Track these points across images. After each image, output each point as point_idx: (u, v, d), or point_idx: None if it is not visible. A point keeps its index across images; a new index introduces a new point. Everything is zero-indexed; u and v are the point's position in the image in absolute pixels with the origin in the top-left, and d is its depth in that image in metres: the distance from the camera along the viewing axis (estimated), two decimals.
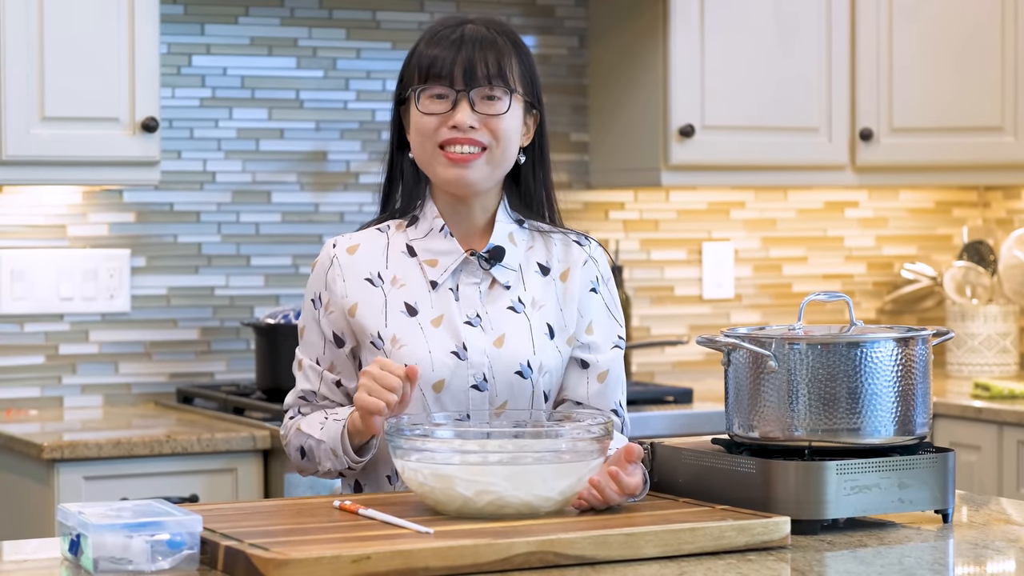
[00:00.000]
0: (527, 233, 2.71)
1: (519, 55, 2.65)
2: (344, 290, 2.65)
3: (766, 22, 4.58)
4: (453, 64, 2.60)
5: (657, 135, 4.52)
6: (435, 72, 2.60)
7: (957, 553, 2.28)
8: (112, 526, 2.07)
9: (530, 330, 2.64)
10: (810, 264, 5.06)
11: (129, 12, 3.92)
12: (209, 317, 4.39)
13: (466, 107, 2.60)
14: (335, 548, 2.05)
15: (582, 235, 2.76)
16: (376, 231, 2.70)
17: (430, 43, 2.63)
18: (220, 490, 3.76)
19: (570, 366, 2.69)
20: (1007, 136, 4.75)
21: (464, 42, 2.61)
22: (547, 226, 2.73)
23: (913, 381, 2.39)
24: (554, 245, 2.72)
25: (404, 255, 2.67)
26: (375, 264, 2.66)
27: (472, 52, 2.60)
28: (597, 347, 2.69)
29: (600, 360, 2.69)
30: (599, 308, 2.71)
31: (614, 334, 2.71)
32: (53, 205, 4.24)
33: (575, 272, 2.71)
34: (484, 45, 2.61)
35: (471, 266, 2.66)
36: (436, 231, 2.67)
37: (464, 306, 2.64)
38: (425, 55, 2.63)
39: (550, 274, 2.70)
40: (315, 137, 4.48)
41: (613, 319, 2.72)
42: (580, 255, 2.72)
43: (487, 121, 2.61)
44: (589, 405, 2.67)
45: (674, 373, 4.88)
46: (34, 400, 4.24)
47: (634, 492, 2.36)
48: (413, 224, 2.69)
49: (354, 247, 2.68)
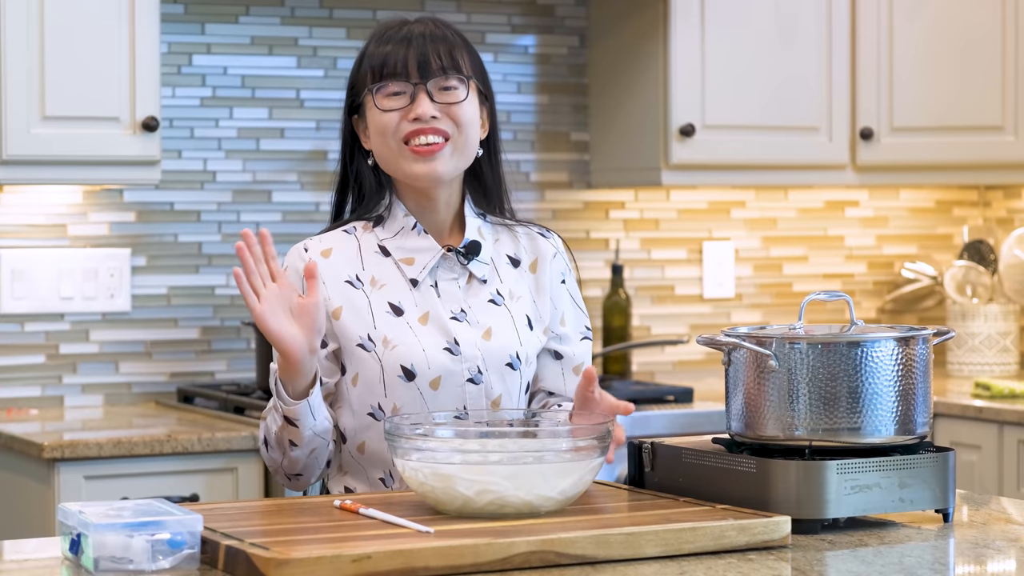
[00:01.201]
0: (491, 227, 2.73)
1: (468, 48, 2.67)
2: (326, 293, 2.63)
3: (767, 21, 4.58)
4: (406, 59, 2.60)
5: (658, 134, 4.52)
6: (389, 70, 2.61)
7: (958, 552, 2.28)
8: (113, 525, 2.07)
9: (513, 322, 2.66)
10: (811, 263, 5.07)
11: (130, 11, 3.92)
12: (209, 316, 4.39)
13: (425, 98, 2.60)
14: (336, 547, 2.05)
15: (543, 228, 2.78)
16: (343, 233, 2.69)
17: (379, 43, 2.64)
18: (221, 489, 3.76)
19: (543, 356, 2.72)
20: (1008, 135, 4.75)
21: (413, 38, 2.62)
22: (509, 220, 2.76)
23: (914, 380, 2.39)
24: (520, 237, 2.75)
25: (378, 255, 2.67)
26: (351, 266, 2.65)
27: (423, 45, 2.61)
28: (568, 338, 2.73)
29: (574, 352, 2.73)
30: (568, 300, 2.75)
31: (581, 324, 2.76)
32: (54, 204, 4.24)
33: (544, 264, 2.74)
34: (433, 39, 2.63)
35: (448, 262, 2.67)
36: (408, 229, 2.67)
37: (447, 302, 2.65)
38: (376, 55, 2.63)
39: (520, 266, 2.73)
40: (316, 136, 4.49)
41: (579, 310, 2.77)
42: (547, 247, 2.75)
43: (447, 110, 2.61)
44: (565, 396, 2.71)
45: (675, 372, 4.88)
46: (35, 399, 4.24)
47: (617, 411, 2.42)
48: (380, 224, 2.68)
49: (327, 250, 2.66)
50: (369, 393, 2.61)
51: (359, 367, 2.61)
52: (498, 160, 2.74)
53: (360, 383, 2.61)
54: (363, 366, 2.61)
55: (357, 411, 2.63)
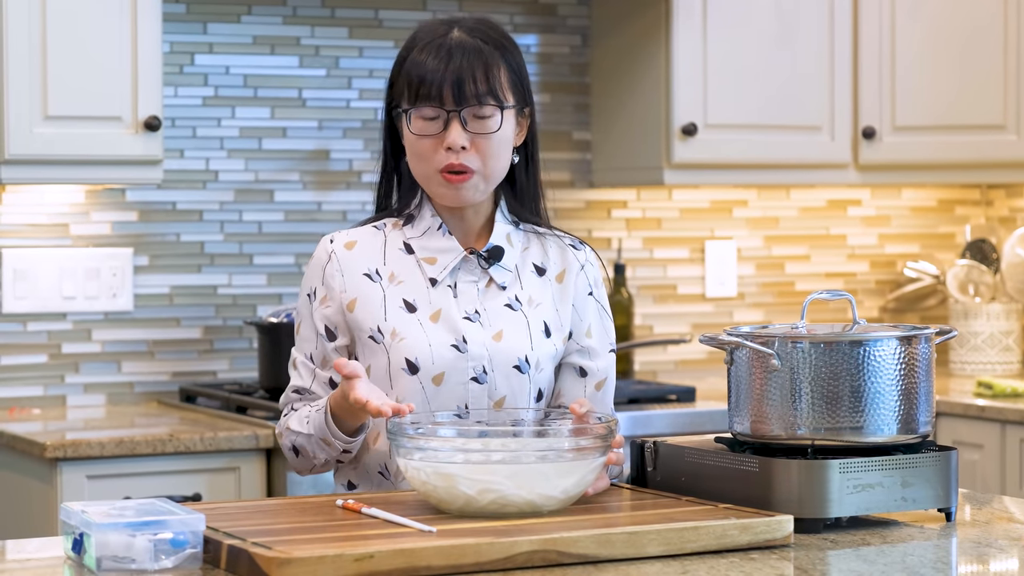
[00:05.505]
0: (523, 235, 2.74)
1: (506, 60, 2.65)
2: (343, 285, 2.66)
3: (768, 20, 4.57)
4: (442, 83, 2.60)
5: (660, 133, 4.52)
6: (425, 92, 2.61)
7: (960, 551, 2.28)
8: (115, 525, 2.07)
9: (528, 327, 2.66)
10: (813, 262, 5.06)
11: (132, 11, 3.92)
12: (212, 316, 4.39)
13: (457, 127, 2.61)
14: (338, 547, 2.05)
15: (576, 239, 2.79)
16: (373, 228, 2.72)
17: (420, 50, 2.64)
18: (223, 489, 3.76)
19: (567, 373, 2.72)
20: (1010, 134, 4.74)
21: (453, 51, 2.62)
22: (542, 228, 2.76)
23: (916, 380, 2.39)
24: (549, 247, 2.75)
25: (402, 252, 2.69)
26: (373, 261, 2.68)
27: (460, 65, 2.61)
28: (596, 352, 2.73)
29: (598, 367, 2.73)
30: (595, 312, 2.75)
31: (609, 339, 2.76)
32: (56, 204, 4.24)
33: (571, 275, 2.74)
34: (473, 54, 2.62)
35: (470, 264, 2.68)
36: (434, 230, 2.69)
37: (462, 302, 2.66)
38: (415, 65, 2.63)
39: (546, 275, 2.73)
40: (318, 136, 4.49)
41: (607, 324, 2.77)
42: (576, 259, 2.75)
43: (477, 141, 2.62)
44: None
45: (677, 372, 4.88)
46: (37, 399, 4.24)
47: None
48: (409, 223, 2.71)
49: (352, 243, 2.69)
50: (378, 385, 2.62)
51: (370, 358, 2.63)
52: (535, 165, 2.75)
53: (372, 374, 2.63)
54: (373, 357, 2.63)
55: None
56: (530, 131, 2.72)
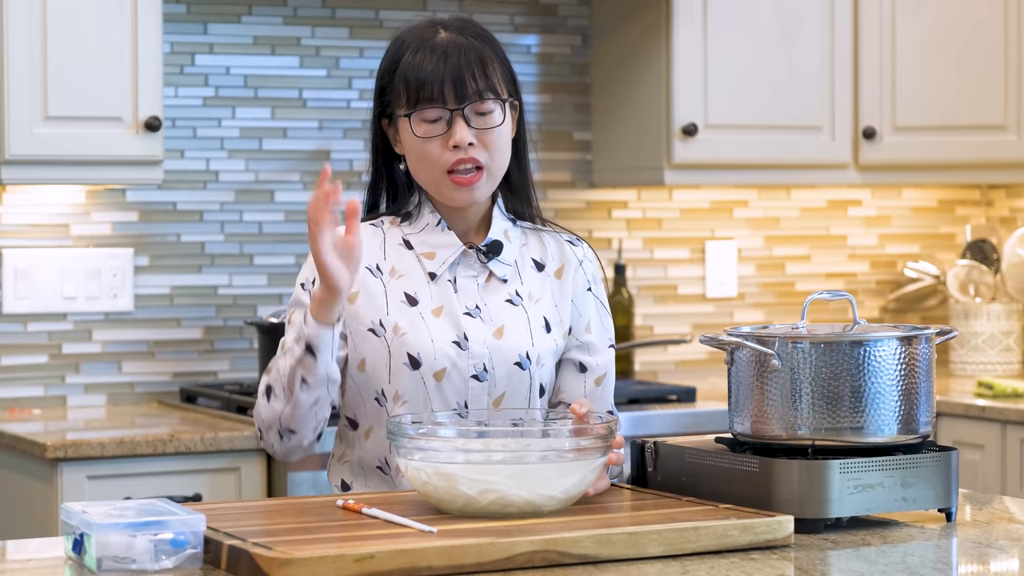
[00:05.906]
0: (520, 231, 2.75)
1: (497, 55, 2.67)
2: None
3: (769, 21, 4.57)
4: (443, 82, 2.61)
5: (660, 134, 4.52)
6: (426, 94, 2.62)
7: (960, 552, 2.28)
8: (115, 525, 2.07)
9: (528, 322, 2.67)
10: (813, 263, 5.06)
11: (132, 11, 3.93)
12: (212, 316, 4.39)
13: (462, 125, 2.62)
14: (338, 547, 2.05)
15: (573, 235, 2.80)
16: (370, 226, 2.73)
17: (413, 52, 2.64)
18: (223, 489, 3.76)
19: (567, 368, 2.72)
20: (1010, 135, 4.75)
21: (448, 51, 2.62)
22: (539, 225, 2.78)
23: (916, 380, 2.39)
24: (547, 243, 2.77)
25: (401, 248, 2.70)
26: (373, 255, 2.68)
27: (458, 63, 2.62)
28: (595, 348, 2.74)
29: (598, 363, 2.73)
30: (594, 308, 2.76)
31: (608, 335, 2.77)
32: (56, 204, 4.24)
33: (570, 271, 2.75)
34: (468, 52, 2.63)
35: (469, 259, 2.69)
36: (433, 226, 2.70)
37: (463, 297, 2.66)
38: (411, 68, 2.62)
39: (545, 270, 2.74)
40: (318, 136, 4.49)
41: (605, 320, 2.78)
42: (574, 255, 2.77)
43: (482, 136, 2.63)
44: None
45: (677, 372, 4.88)
46: (37, 399, 4.24)
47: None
48: (407, 220, 2.72)
49: None
50: (375, 379, 2.62)
51: (367, 352, 2.63)
52: (526, 160, 2.76)
53: (368, 368, 2.63)
54: (371, 351, 2.63)
55: (365, 398, 2.64)
56: (519, 124, 2.73)
